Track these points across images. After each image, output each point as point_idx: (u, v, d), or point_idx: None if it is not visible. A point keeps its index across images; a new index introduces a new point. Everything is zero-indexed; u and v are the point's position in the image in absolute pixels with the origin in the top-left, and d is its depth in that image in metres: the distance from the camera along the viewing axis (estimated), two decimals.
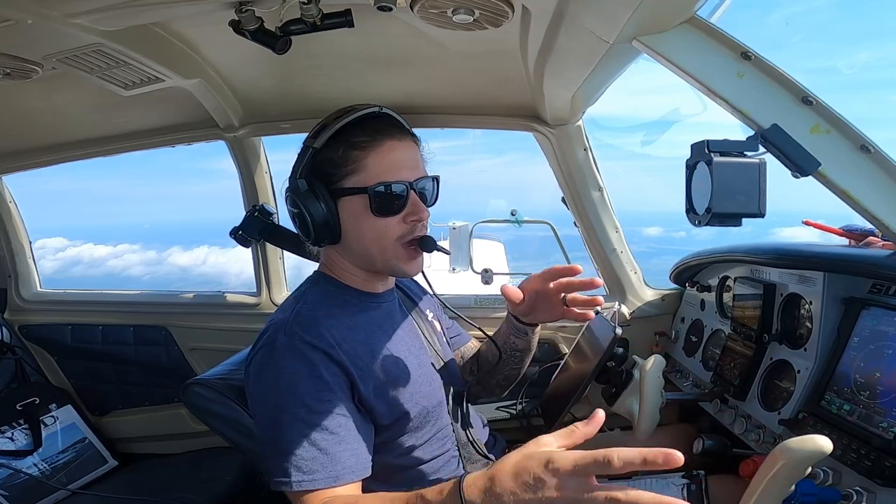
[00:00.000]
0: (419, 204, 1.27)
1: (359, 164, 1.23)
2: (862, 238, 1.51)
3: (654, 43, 1.02)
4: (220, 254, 64.06)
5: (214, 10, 1.20)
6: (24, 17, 1.14)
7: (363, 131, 1.25)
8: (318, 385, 1.14)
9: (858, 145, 1.00)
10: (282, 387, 1.14)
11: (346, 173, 1.23)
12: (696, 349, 1.82)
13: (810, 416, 1.19)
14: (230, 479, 2.05)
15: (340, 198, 1.24)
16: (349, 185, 1.23)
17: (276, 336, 1.17)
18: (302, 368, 1.14)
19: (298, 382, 1.14)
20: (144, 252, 78.96)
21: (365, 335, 1.25)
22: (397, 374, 1.26)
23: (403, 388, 1.25)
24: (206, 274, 60.43)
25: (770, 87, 1.01)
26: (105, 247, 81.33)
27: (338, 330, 1.19)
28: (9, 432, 2.12)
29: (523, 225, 2.22)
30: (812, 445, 0.86)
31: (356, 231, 1.25)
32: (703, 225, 0.98)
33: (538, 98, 1.69)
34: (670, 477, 1.29)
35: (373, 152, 1.23)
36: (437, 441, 1.33)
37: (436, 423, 1.33)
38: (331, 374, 1.16)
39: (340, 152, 1.23)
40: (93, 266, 68.99)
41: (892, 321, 1.11)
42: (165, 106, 1.94)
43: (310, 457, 1.11)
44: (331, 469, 1.12)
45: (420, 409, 1.27)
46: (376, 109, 1.29)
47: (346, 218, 1.25)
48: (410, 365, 1.30)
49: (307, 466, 1.10)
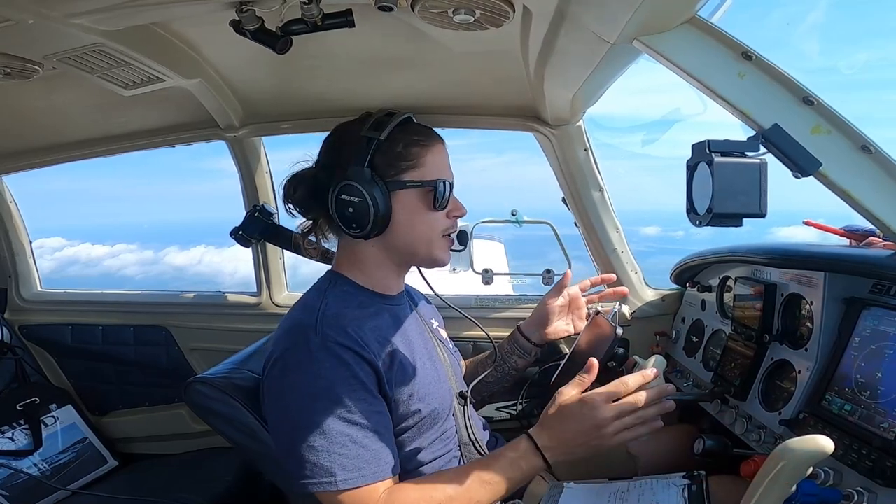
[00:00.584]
0: (459, 201, 1.39)
1: (418, 161, 1.30)
2: (863, 238, 1.51)
3: (655, 43, 1.02)
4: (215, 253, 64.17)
5: (215, 9, 1.20)
6: (25, 17, 1.14)
7: (419, 129, 1.36)
8: (354, 385, 1.15)
9: (859, 145, 1.00)
10: (320, 388, 1.14)
11: (407, 168, 1.30)
12: (696, 349, 1.82)
13: (811, 417, 1.19)
14: (230, 480, 2.05)
15: (396, 191, 1.28)
16: (409, 179, 1.29)
17: (308, 337, 1.17)
18: (340, 369, 1.15)
19: (337, 383, 1.14)
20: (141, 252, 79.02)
21: (385, 335, 1.26)
22: (414, 374, 1.27)
23: (419, 388, 1.26)
24: (201, 273, 60.45)
25: (771, 88, 1.00)
26: (102, 246, 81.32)
27: (363, 330, 1.21)
28: (9, 432, 2.13)
29: (523, 225, 2.22)
30: (813, 445, 0.86)
31: (409, 223, 1.30)
32: (703, 225, 0.98)
33: (539, 98, 1.69)
34: (671, 477, 1.29)
35: (430, 151, 1.33)
36: (440, 443, 1.34)
37: (442, 424, 1.34)
38: (364, 373, 1.17)
39: (401, 146, 1.30)
40: (89, 266, 69.02)
41: (893, 321, 1.11)
42: (166, 106, 1.94)
43: (354, 454, 1.12)
44: (375, 465, 1.14)
45: (431, 409, 1.28)
46: (411, 115, 1.37)
47: (399, 210, 1.29)
48: (425, 366, 1.31)
49: (352, 464, 1.12)
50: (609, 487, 1.32)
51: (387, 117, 1.31)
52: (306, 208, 1.40)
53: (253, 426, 1.28)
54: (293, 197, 1.39)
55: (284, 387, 1.18)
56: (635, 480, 1.33)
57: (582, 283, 1.72)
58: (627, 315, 2.02)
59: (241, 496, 2.02)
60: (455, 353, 1.59)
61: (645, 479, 1.32)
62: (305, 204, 1.39)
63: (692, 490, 1.22)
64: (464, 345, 2.05)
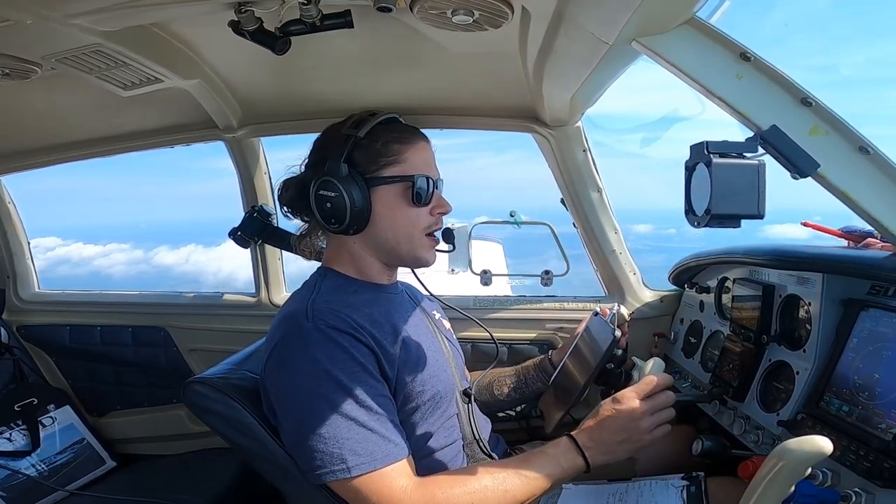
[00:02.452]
0: (444, 199, 1.40)
1: (399, 157, 1.33)
2: (861, 239, 1.51)
3: (654, 44, 1.02)
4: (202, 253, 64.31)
5: (214, 10, 1.20)
6: (24, 18, 1.14)
7: (402, 127, 1.39)
8: (353, 367, 1.15)
9: (857, 147, 1.00)
10: (318, 372, 1.13)
11: (386, 164, 1.31)
12: (694, 350, 1.82)
13: (809, 418, 1.19)
14: (228, 480, 2.05)
15: (376, 186, 1.30)
16: (388, 175, 1.31)
17: (300, 323, 1.18)
18: (336, 352, 1.15)
19: (335, 366, 1.14)
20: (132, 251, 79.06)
21: (382, 319, 1.26)
22: (416, 355, 1.28)
23: (421, 370, 1.27)
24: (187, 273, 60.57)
25: (769, 89, 1.01)
26: (95, 246, 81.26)
27: (356, 315, 1.21)
28: (7, 433, 2.12)
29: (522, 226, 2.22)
30: (812, 446, 0.86)
31: (389, 219, 1.32)
32: (702, 226, 0.98)
33: (537, 99, 1.69)
34: (670, 478, 1.29)
35: (412, 147, 1.35)
36: (445, 430, 1.34)
37: (447, 409, 1.35)
38: (362, 355, 1.17)
39: (380, 144, 1.32)
40: (79, 265, 69.01)
41: (890, 322, 1.11)
42: (164, 106, 1.94)
43: (362, 438, 1.11)
44: (385, 447, 1.13)
45: (434, 392, 1.29)
46: (397, 115, 1.40)
47: (378, 206, 1.30)
48: (426, 349, 1.32)
49: (362, 448, 1.11)
50: (608, 488, 1.32)
51: (369, 116, 1.34)
52: (297, 208, 1.42)
53: (251, 426, 1.27)
54: (285, 197, 1.41)
55: (283, 378, 1.18)
56: (634, 481, 1.33)
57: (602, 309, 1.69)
58: (626, 316, 2.02)
59: (239, 497, 2.02)
60: (457, 346, 1.59)
61: (643, 480, 1.32)
62: (296, 204, 1.41)
63: (691, 491, 1.22)
64: (463, 345, 2.06)
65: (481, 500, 1.13)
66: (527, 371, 1.72)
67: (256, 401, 1.28)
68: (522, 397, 1.71)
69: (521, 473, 1.17)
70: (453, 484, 1.14)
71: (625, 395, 1.23)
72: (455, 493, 1.12)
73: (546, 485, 1.18)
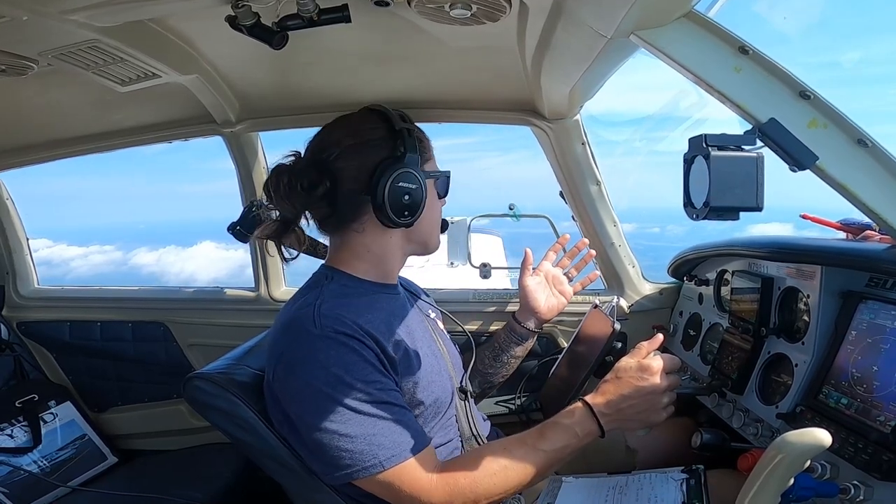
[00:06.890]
0: None
1: (431, 152, 1.40)
2: (859, 232, 1.51)
3: (652, 37, 1.01)
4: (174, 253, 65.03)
5: (211, 5, 1.20)
6: (20, 14, 1.13)
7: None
8: (365, 367, 1.15)
9: (856, 139, 1.00)
10: (332, 376, 1.13)
11: (427, 158, 1.38)
12: (693, 343, 1.82)
13: (808, 410, 1.19)
14: (230, 476, 2.06)
15: (427, 180, 1.33)
16: (431, 170, 1.39)
17: (308, 330, 1.17)
18: (347, 355, 1.15)
19: (348, 369, 1.14)
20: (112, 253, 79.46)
21: (386, 325, 1.26)
22: (417, 363, 1.28)
23: (422, 377, 1.27)
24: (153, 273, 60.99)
25: (767, 82, 1.00)
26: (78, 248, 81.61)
27: (362, 319, 1.20)
28: (8, 429, 2.13)
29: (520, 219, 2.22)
30: (811, 439, 0.86)
31: (430, 210, 1.36)
32: (700, 219, 0.98)
33: (536, 93, 1.69)
34: (669, 471, 1.29)
35: (430, 143, 1.42)
36: (443, 430, 1.35)
37: (445, 413, 1.35)
38: (372, 357, 1.17)
39: (423, 139, 1.37)
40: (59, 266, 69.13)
41: (889, 315, 1.11)
42: (162, 102, 1.93)
43: (388, 432, 1.13)
44: (410, 438, 1.15)
45: (434, 398, 1.29)
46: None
47: (427, 199, 1.34)
48: (426, 355, 1.32)
49: (389, 441, 1.12)
50: (608, 481, 1.32)
51: (394, 111, 1.36)
52: (291, 197, 1.28)
53: (252, 421, 1.28)
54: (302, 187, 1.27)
55: (296, 386, 1.17)
56: (634, 474, 1.34)
57: (547, 255, 1.82)
58: (625, 309, 2.03)
59: (240, 492, 2.02)
60: (451, 343, 1.59)
61: (643, 473, 1.32)
62: (309, 194, 1.28)
63: (690, 484, 1.23)
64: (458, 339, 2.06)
65: (503, 480, 1.16)
66: (499, 337, 1.76)
67: (257, 396, 1.28)
68: (503, 364, 1.75)
69: (539, 448, 1.19)
70: (474, 467, 1.16)
71: (651, 368, 1.21)
72: (477, 477, 1.15)
73: (564, 455, 1.20)
